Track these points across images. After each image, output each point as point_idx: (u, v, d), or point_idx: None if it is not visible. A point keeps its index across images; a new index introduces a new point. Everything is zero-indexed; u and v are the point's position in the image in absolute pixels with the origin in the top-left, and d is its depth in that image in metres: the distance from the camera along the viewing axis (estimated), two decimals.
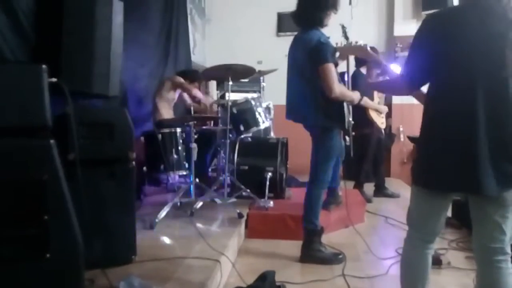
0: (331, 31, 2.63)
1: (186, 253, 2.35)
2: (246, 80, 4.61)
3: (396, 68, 2.77)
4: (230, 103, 3.48)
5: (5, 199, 1.20)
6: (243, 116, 3.60)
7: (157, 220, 2.88)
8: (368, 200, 4.20)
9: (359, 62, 4.29)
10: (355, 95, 2.65)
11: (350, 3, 5.21)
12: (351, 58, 2.96)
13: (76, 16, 1.95)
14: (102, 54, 2.10)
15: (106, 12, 2.07)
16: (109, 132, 2.02)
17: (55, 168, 1.24)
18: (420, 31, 1.60)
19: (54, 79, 1.33)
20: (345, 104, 2.64)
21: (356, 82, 3.87)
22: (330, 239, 2.99)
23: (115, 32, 2.15)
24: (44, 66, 1.28)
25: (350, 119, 2.71)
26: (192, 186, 3.37)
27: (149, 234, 2.71)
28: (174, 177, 3.94)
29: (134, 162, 2.11)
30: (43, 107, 1.26)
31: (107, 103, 2.62)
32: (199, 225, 2.93)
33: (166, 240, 2.69)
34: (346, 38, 2.76)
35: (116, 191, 2.01)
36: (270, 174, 3.56)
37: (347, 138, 2.91)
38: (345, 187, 3.15)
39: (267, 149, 3.80)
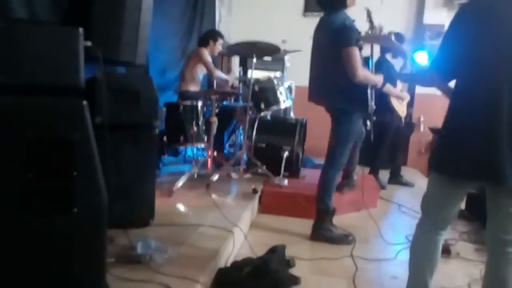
0: (357, 15, 2.60)
1: (200, 221, 2.43)
2: (269, 58, 4.60)
3: (422, 57, 2.74)
4: (252, 81, 3.50)
5: (38, 154, 1.26)
6: (264, 94, 3.63)
7: (174, 189, 2.96)
8: (382, 187, 4.21)
9: (384, 49, 4.22)
10: (379, 79, 2.65)
11: None
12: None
13: None
14: (132, 22, 2.12)
15: None
16: (135, 99, 2.07)
17: (86, 128, 1.30)
18: (452, 22, 1.58)
19: (89, 43, 1.37)
20: (368, 88, 2.63)
21: (380, 68, 3.83)
22: (342, 220, 3.03)
23: (145, 0, 2.18)
24: (81, 29, 1.32)
25: (373, 103, 2.70)
26: (209, 159, 3.44)
27: (166, 201, 2.81)
28: (193, 149, 4.04)
29: (157, 130, 2.16)
30: (77, 69, 1.31)
31: (132, 71, 2.67)
32: (214, 196, 3.00)
33: (182, 207, 2.78)
34: (371, 22, 2.72)
35: (138, 156, 2.08)
36: (286, 153, 3.59)
37: (368, 122, 2.90)
38: (362, 172, 3.16)
39: (285, 129, 3.83)
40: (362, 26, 2.66)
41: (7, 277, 1.25)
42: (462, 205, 2.92)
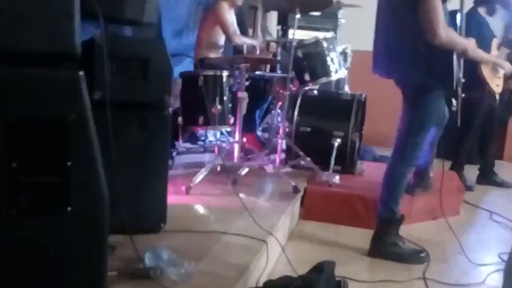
0: None
1: (225, 227, 2.47)
2: (318, 13, 4.56)
3: None
4: (294, 44, 3.48)
5: (23, 140, 1.32)
6: (310, 61, 3.63)
7: (191, 185, 3.02)
8: (468, 188, 4.15)
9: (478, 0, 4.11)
10: (470, 44, 2.58)
11: None
12: None
13: None
14: None
15: None
16: (143, 69, 2.13)
17: (84, 106, 1.34)
18: None
19: None
20: (454, 55, 2.56)
21: (470, 26, 3.71)
22: (411, 232, 3.00)
23: None
24: None
25: (461, 75, 2.63)
26: (237, 147, 3.47)
27: (182, 201, 2.87)
28: (216, 133, 4.10)
29: (170, 110, 2.21)
30: (71, 30, 1.35)
31: (140, 33, 2.72)
32: (242, 195, 3.03)
33: (202, 209, 2.84)
34: None
35: (147, 143, 2.13)
36: (338, 140, 3.59)
37: (453, 101, 2.84)
38: (442, 168, 3.08)
39: (337, 108, 3.82)
40: None
41: None
42: None
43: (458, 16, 2.79)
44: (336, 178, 3.40)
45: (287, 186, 3.23)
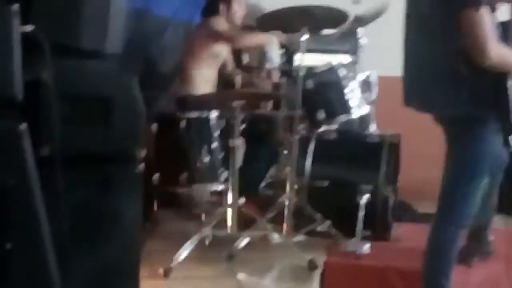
0: None
1: None
2: (332, 32, 4.62)
3: None
4: (303, 72, 3.53)
5: None
6: (324, 94, 3.64)
7: (172, 265, 3.00)
8: None
9: None
10: None
11: None
12: None
13: None
14: None
15: None
16: (105, 113, 2.13)
17: (26, 169, 1.35)
18: None
19: (29, 27, 1.44)
20: (509, 80, 2.59)
21: None
22: None
23: None
24: (14, 6, 1.40)
25: None
26: (231, 211, 3.46)
27: (160, 286, 2.82)
28: (204, 193, 4.07)
29: (142, 165, 2.21)
30: (11, 72, 1.38)
31: (102, 66, 2.76)
32: (241, 276, 3.01)
33: None
34: None
35: (112, 210, 2.12)
36: (366, 196, 3.56)
37: (511, 140, 2.83)
38: (505, 228, 3.06)
39: (363, 154, 3.83)
40: None
41: None
42: None
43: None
44: (366, 247, 3.36)
45: (300, 261, 3.20)
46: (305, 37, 3.47)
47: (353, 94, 3.70)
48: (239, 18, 4.31)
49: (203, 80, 4.16)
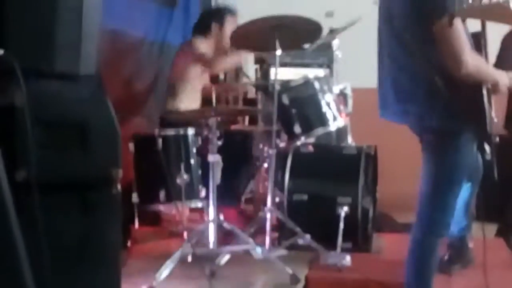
0: None
1: None
2: (306, 46, 4.64)
3: None
4: (278, 86, 3.54)
5: None
6: (300, 108, 3.65)
7: (155, 283, 2.98)
8: None
9: None
10: (502, 75, 2.62)
11: None
12: None
13: None
14: (69, 9, 2.22)
15: None
16: (81, 137, 2.12)
17: (1, 193, 1.34)
18: None
19: (1, 51, 1.43)
20: (484, 89, 2.61)
21: (506, 54, 3.83)
22: None
23: None
24: None
25: (493, 114, 2.66)
26: (212, 227, 3.45)
27: None
28: (183, 211, 4.06)
29: (119, 186, 2.20)
30: None
31: (77, 88, 2.74)
32: None
33: None
34: None
35: (91, 233, 2.10)
36: (346, 209, 3.57)
37: (487, 148, 2.85)
38: (483, 235, 3.07)
39: (341, 166, 3.84)
40: None
41: None
42: None
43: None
44: (347, 260, 3.36)
45: (282, 275, 3.19)
46: (278, 52, 3.48)
47: (329, 107, 3.72)
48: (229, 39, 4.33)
49: (190, 96, 4.18)
